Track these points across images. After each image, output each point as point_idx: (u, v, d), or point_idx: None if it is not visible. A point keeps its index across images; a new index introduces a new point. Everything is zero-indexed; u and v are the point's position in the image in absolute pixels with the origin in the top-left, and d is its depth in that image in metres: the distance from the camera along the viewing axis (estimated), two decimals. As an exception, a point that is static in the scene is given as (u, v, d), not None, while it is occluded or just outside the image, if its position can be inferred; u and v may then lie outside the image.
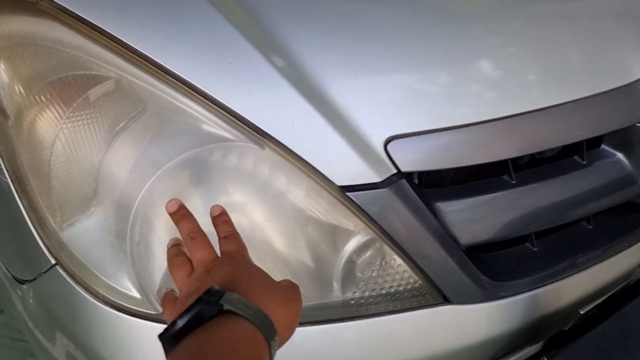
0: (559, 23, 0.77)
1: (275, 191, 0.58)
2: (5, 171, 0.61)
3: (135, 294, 0.59)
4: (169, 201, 0.54)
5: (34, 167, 0.58)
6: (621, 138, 0.79)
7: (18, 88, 0.57)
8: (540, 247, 0.79)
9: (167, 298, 0.52)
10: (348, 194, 0.59)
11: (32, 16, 0.57)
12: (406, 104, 0.62)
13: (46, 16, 0.56)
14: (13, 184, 0.61)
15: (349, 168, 0.59)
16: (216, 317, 0.41)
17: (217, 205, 0.55)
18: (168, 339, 0.41)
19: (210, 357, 0.38)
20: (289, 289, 0.50)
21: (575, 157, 0.79)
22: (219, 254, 0.51)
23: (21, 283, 0.69)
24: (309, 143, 0.57)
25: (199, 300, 0.41)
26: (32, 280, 0.65)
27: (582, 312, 0.88)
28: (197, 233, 0.52)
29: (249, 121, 0.56)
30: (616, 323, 0.82)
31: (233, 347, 0.40)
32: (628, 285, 0.88)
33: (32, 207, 0.60)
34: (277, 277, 0.52)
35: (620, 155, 0.81)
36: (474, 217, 0.69)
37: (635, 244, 0.84)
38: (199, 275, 0.48)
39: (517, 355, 0.84)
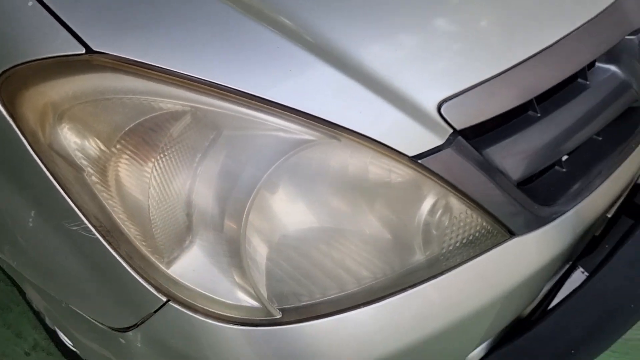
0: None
1: (361, 176, 0.62)
2: (90, 227, 0.62)
3: (255, 304, 0.62)
4: None
5: (133, 215, 0.59)
6: (610, 53, 0.88)
7: (96, 144, 0.58)
8: (568, 168, 0.87)
9: None
10: (420, 161, 0.64)
11: (91, 73, 0.58)
12: (445, 66, 0.67)
13: (106, 69, 0.57)
14: (104, 237, 0.62)
15: (414, 138, 0.64)
16: None
17: None
18: None
19: None
20: None
21: (579, 80, 0.87)
22: None
23: (123, 331, 0.70)
24: (377, 125, 0.62)
25: None
26: (139, 324, 0.67)
27: (609, 216, 0.97)
28: None
29: (322, 119, 0.59)
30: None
31: None
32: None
33: (131, 254, 0.62)
34: (364, 256, 0.57)
35: (613, 68, 0.89)
36: (517, 154, 0.76)
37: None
38: None
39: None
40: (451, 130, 0.67)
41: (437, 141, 0.65)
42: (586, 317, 0.84)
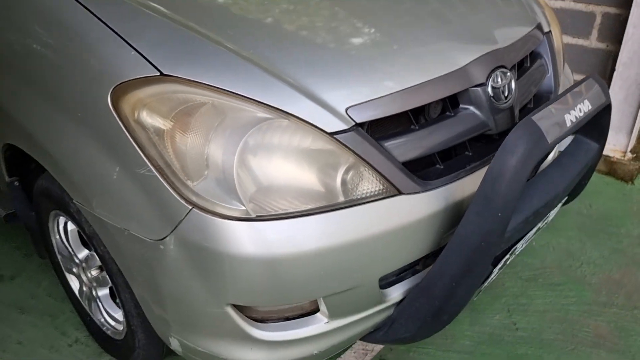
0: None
1: (299, 145, 1.15)
2: (152, 168, 1.14)
3: (242, 207, 1.11)
4: None
5: (176, 158, 1.11)
6: (467, 98, 1.42)
7: (159, 120, 1.12)
8: (444, 166, 1.38)
9: None
10: (335, 136, 1.17)
11: (159, 83, 1.14)
12: (351, 87, 1.23)
13: (168, 80, 1.13)
14: (159, 173, 1.13)
15: (332, 124, 1.17)
16: None
17: None
18: None
19: None
20: None
21: (447, 113, 1.41)
22: None
23: (162, 239, 1.18)
24: (311, 114, 1.16)
25: None
26: (173, 231, 1.15)
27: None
28: None
29: (278, 108, 1.14)
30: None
31: None
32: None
33: (174, 181, 1.12)
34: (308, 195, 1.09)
35: (471, 108, 1.43)
36: (401, 146, 1.28)
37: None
38: None
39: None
40: (353, 123, 1.20)
41: (345, 126, 1.19)
42: (457, 257, 1.29)
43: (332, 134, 1.18)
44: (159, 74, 1.15)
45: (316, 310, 1.30)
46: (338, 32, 1.37)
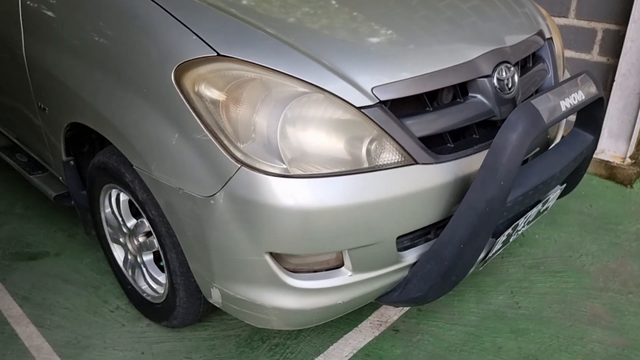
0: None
1: (331, 116, 1.36)
2: (208, 133, 1.35)
3: (282, 165, 1.32)
4: None
5: (229, 124, 1.33)
6: (475, 88, 1.63)
7: (216, 92, 1.34)
8: (454, 145, 1.59)
9: None
10: (362, 110, 1.38)
11: (216, 62, 1.36)
12: (376, 69, 1.44)
13: (224, 60, 1.36)
14: (214, 137, 1.35)
15: (360, 100, 1.39)
16: None
17: None
18: None
19: None
20: None
21: (457, 99, 1.62)
22: None
23: (213, 195, 1.39)
24: (342, 92, 1.37)
25: None
26: (222, 187, 1.36)
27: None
28: None
29: (315, 85, 1.35)
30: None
31: None
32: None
33: (226, 143, 1.34)
34: (337, 161, 1.31)
35: (479, 96, 1.64)
36: (418, 123, 1.48)
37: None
38: None
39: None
40: (377, 100, 1.41)
41: (370, 102, 1.40)
42: (464, 221, 1.48)
43: (359, 108, 1.39)
44: (216, 54, 1.37)
45: (341, 264, 1.50)
46: (368, 30, 1.60)
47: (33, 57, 1.93)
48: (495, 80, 1.64)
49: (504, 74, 1.67)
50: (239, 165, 1.34)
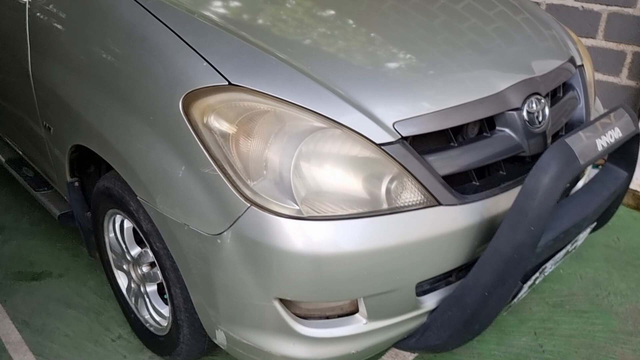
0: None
1: (348, 152, 1.26)
2: (216, 168, 1.26)
3: (295, 206, 1.22)
4: None
5: (239, 159, 1.23)
6: (503, 121, 1.52)
7: (225, 124, 1.25)
8: (480, 182, 1.48)
9: None
10: (382, 147, 1.28)
11: (227, 92, 1.27)
12: (398, 103, 1.34)
13: (235, 89, 1.26)
14: (222, 172, 1.25)
15: (380, 135, 1.28)
16: None
17: None
18: None
19: None
20: None
21: (484, 133, 1.51)
22: None
23: (220, 234, 1.29)
24: (361, 126, 1.27)
25: None
26: (230, 226, 1.27)
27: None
28: None
29: (332, 119, 1.25)
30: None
31: None
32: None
33: (235, 180, 1.24)
34: (354, 201, 1.20)
35: (507, 130, 1.53)
36: (442, 160, 1.38)
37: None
38: None
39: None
40: (399, 136, 1.31)
41: (392, 139, 1.30)
42: (490, 267, 1.37)
43: (379, 145, 1.28)
44: (227, 83, 1.28)
45: (355, 310, 1.39)
46: (387, 55, 1.50)
47: (39, 75, 1.86)
48: (525, 114, 1.53)
49: (534, 106, 1.56)
50: (249, 205, 1.24)
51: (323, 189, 1.26)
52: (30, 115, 2.04)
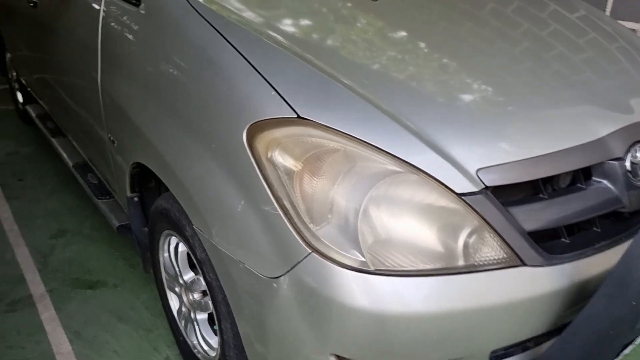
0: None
1: (423, 200, 1.12)
2: (277, 207, 1.15)
3: (360, 257, 1.10)
4: None
5: (303, 200, 1.12)
6: (602, 171, 1.34)
7: (291, 161, 1.14)
8: (570, 240, 1.30)
9: None
10: (463, 197, 1.13)
11: (295, 125, 1.16)
12: (481, 151, 1.19)
13: (304, 123, 1.16)
14: (284, 213, 1.15)
15: (461, 184, 1.14)
16: None
17: None
18: None
19: None
20: None
21: (578, 184, 1.33)
22: None
23: (276, 278, 1.18)
24: (440, 172, 1.13)
25: None
26: (288, 271, 1.16)
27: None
28: None
29: (408, 162, 1.12)
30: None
31: None
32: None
33: (297, 223, 1.13)
34: (427, 254, 1.06)
35: (605, 182, 1.35)
36: (529, 213, 1.22)
37: (630, 237, 1.35)
38: None
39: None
40: (483, 186, 1.16)
41: (474, 188, 1.15)
42: (580, 341, 1.19)
43: (460, 195, 1.14)
44: (295, 116, 1.17)
45: (420, 375, 1.25)
46: (470, 92, 1.35)
47: (106, 85, 1.83)
48: (628, 164, 1.34)
49: (638, 155, 1.36)
50: (310, 251, 1.13)
51: (393, 238, 1.13)
52: (97, 124, 2.02)
